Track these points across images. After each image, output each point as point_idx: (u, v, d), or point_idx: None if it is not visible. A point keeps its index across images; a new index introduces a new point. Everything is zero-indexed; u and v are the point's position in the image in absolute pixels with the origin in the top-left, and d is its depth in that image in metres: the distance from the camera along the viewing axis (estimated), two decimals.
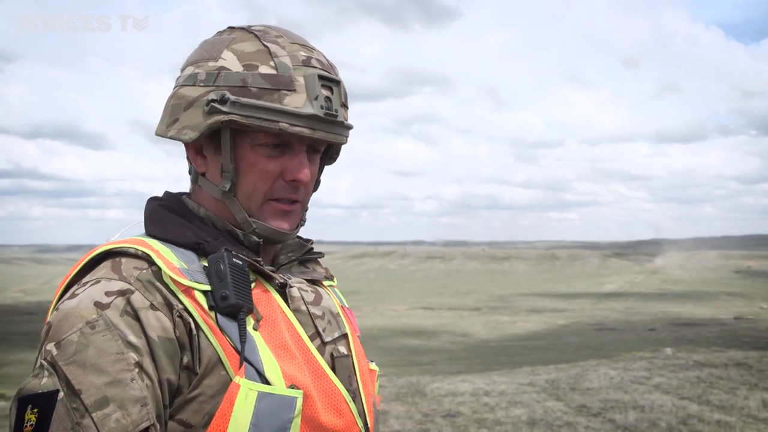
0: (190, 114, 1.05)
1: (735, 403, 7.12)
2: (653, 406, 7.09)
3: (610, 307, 48.13)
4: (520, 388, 8.49)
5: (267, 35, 1.07)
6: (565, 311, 43.71)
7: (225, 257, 1.01)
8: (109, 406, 0.88)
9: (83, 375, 0.89)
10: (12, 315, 36.03)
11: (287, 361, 1.00)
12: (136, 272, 0.98)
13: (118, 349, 0.91)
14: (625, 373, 9.34)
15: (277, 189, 1.08)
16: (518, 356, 20.50)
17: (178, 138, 1.07)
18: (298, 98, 1.02)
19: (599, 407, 7.18)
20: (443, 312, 43.95)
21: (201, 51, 1.09)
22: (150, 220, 1.10)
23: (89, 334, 0.92)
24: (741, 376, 8.69)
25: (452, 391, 8.31)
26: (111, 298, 0.95)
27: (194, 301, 0.98)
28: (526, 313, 42.63)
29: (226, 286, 0.98)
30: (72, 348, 0.91)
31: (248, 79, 1.02)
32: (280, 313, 1.06)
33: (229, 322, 0.98)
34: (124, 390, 0.90)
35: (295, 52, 1.05)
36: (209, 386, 0.95)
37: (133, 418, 0.89)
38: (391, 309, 44.56)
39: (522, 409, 7.18)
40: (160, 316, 0.95)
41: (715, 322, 32.04)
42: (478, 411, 7.21)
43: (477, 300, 56.99)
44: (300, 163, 1.07)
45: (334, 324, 1.13)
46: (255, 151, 1.05)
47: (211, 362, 0.96)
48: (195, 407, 0.95)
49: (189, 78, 1.07)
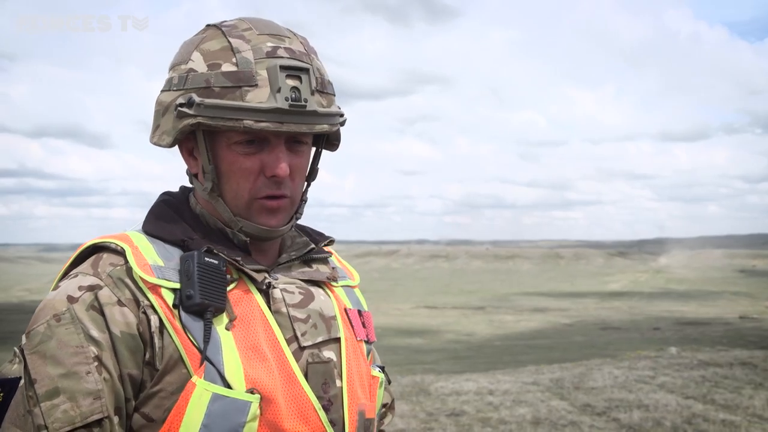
0: (166, 119, 1.06)
1: (740, 403, 7.11)
2: (658, 405, 7.08)
3: (614, 306, 48.06)
4: (525, 387, 8.48)
5: (234, 30, 1.05)
6: (569, 310, 43.66)
7: (195, 256, 1.00)
8: (58, 397, 0.92)
9: (41, 365, 0.93)
10: (17, 314, 36.15)
11: (256, 364, 0.99)
12: (110, 268, 1.00)
13: (78, 342, 0.94)
14: (630, 372, 9.32)
15: (260, 186, 1.06)
16: (522, 355, 20.49)
17: (159, 144, 1.07)
18: (261, 93, 1.00)
19: (604, 406, 7.17)
20: (447, 311, 43.93)
21: (178, 53, 1.09)
22: (149, 215, 1.11)
23: (54, 326, 0.96)
24: (746, 375, 8.67)
25: (456, 390, 8.30)
26: (81, 293, 0.98)
27: (161, 299, 0.98)
28: (530, 312, 42.59)
29: (192, 285, 0.98)
30: (37, 338, 0.96)
31: (211, 79, 1.01)
32: (259, 314, 1.04)
33: (194, 321, 0.98)
34: (77, 382, 0.93)
35: (260, 45, 1.03)
36: (170, 383, 0.97)
37: (83, 410, 0.92)
38: (395, 308, 44.56)
39: (526, 408, 7.17)
40: (125, 311, 0.97)
41: (720, 322, 31.96)
42: (482, 410, 7.20)
43: (481, 299, 56.97)
44: (277, 158, 1.04)
45: (321, 327, 1.10)
46: (232, 150, 1.05)
47: (172, 359, 0.97)
48: (156, 402, 0.97)
49: (166, 83, 1.08)
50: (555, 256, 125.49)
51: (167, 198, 1.15)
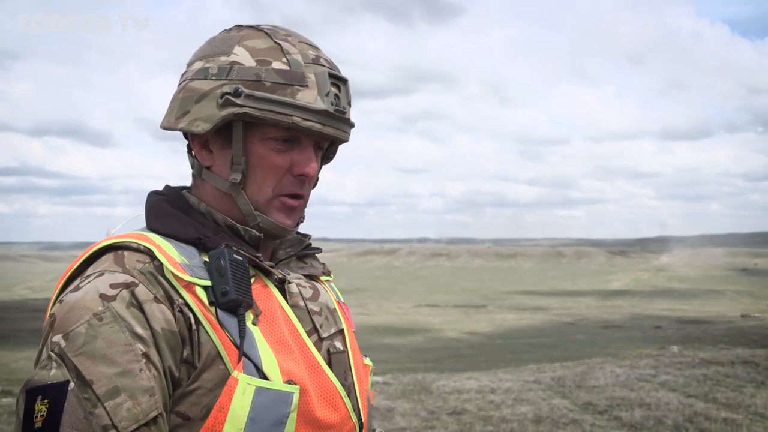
0: (202, 106, 1.06)
1: (742, 401, 7.10)
2: (659, 403, 7.07)
3: (616, 304, 48.05)
4: (526, 386, 8.48)
5: (276, 33, 1.09)
6: (570, 309, 43.64)
7: (225, 253, 1.01)
8: (120, 396, 0.90)
9: (93, 366, 0.91)
10: (20, 312, 36.21)
11: (285, 356, 1.02)
12: (139, 265, 0.99)
13: (126, 341, 0.93)
14: (632, 370, 9.32)
15: (285, 184, 1.09)
16: (524, 354, 20.49)
17: (189, 129, 1.07)
18: (309, 94, 1.04)
19: (605, 405, 7.17)
20: (449, 309, 43.93)
21: (210, 47, 1.10)
22: (151, 215, 1.10)
23: (97, 325, 0.93)
24: (748, 374, 8.67)
25: (458, 389, 8.30)
26: (116, 291, 0.96)
27: (195, 297, 0.99)
28: (532, 310, 42.58)
29: (227, 281, 0.99)
30: (81, 339, 0.92)
31: (262, 74, 1.04)
32: (279, 309, 1.07)
33: (228, 318, 0.99)
34: (133, 380, 0.91)
35: (304, 51, 1.08)
36: (208, 380, 0.96)
37: (143, 407, 0.91)
38: (397, 306, 44.56)
39: (528, 407, 7.17)
40: (163, 308, 0.97)
41: (722, 320, 31.94)
42: (483, 408, 7.20)
43: (483, 297, 56.93)
44: (308, 157, 1.09)
45: (330, 320, 1.15)
46: (265, 145, 1.07)
47: (210, 356, 0.97)
48: (193, 400, 0.96)
49: (199, 72, 1.08)
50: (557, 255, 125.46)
51: (162, 197, 1.14)
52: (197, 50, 1.13)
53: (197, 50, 1.13)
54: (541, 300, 52.96)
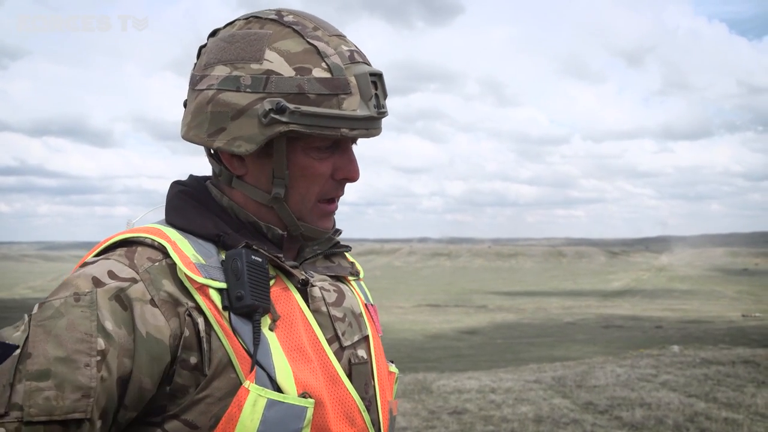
0: (240, 124, 0.97)
1: (742, 401, 7.09)
2: (660, 403, 7.07)
3: (616, 304, 48.02)
4: (527, 386, 8.48)
5: (306, 30, 1.00)
6: (571, 308, 43.62)
7: (243, 254, 0.95)
8: (46, 381, 0.83)
9: (42, 341, 0.85)
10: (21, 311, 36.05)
11: (302, 366, 0.95)
12: (148, 263, 0.94)
13: (88, 330, 0.87)
14: (632, 370, 9.31)
15: (328, 189, 1.05)
16: (525, 353, 20.49)
17: (230, 150, 0.99)
18: (354, 101, 0.98)
19: (606, 404, 7.16)
20: (449, 309, 43.92)
21: (234, 48, 0.99)
22: (171, 207, 1.04)
23: (71, 305, 0.88)
24: (748, 373, 8.66)
25: (458, 388, 8.30)
26: (110, 280, 0.91)
27: (208, 300, 0.93)
28: (533, 310, 42.57)
29: (242, 285, 0.93)
30: (48, 312, 0.88)
31: (305, 86, 0.96)
32: (299, 314, 1.00)
33: (243, 323, 0.93)
34: (71, 372, 0.84)
35: (339, 48, 1.00)
36: (218, 388, 0.91)
37: (66, 403, 0.83)
38: (398, 306, 44.54)
39: (528, 407, 7.17)
40: (156, 313, 0.90)
41: (723, 320, 31.92)
42: (484, 408, 7.20)
43: (483, 297, 56.94)
44: (350, 160, 1.04)
45: (355, 326, 1.08)
46: (307, 155, 1.01)
47: (221, 364, 0.91)
48: (202, 409, 0.91)
49: (229, 82, 0.98)
50: (557, 254, 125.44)
51: (184, 188, 1.07)
52: (214, 49, 1.02)
53: (214, 49, 1.02)
54: (541, 300, 52.94)
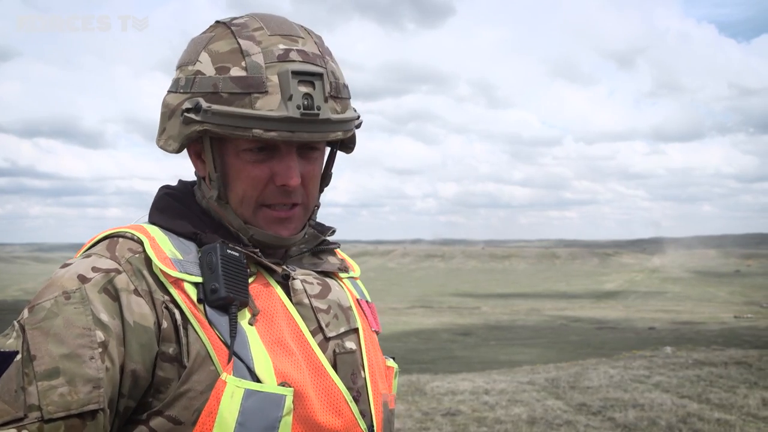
0: (172, 123, 1.01)
1: (735, 402, 7.12)
2: (653, 404, 7.09)
3: (609, 305, 48.18)
4: (520, 387, 8.49)
5: (244, 30, 0.99)
6: (564, 310, 43.72)
7: (218, 248, 0.97)
8: (57, 378, 0.85)
9: (43, 342, 0.87)
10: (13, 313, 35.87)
11: (282, 358, 0.96)
12: (129, 254, 0.96)
13: (85, 324, 0.89)
14: (625, 371, 9.34)
15: (269, 194, 1.02)
16: (518, 355, 20.52)
17: (165, 149, 1.03)
18: (271, 100, 0.95)
19: (599, 406, 7.18)
20: (443, 311, 43.94)
21: (185, 52, 1.04)
22: (154, 208, 1.08)
23: (62, 303, 0.90)
24: (741, 374, 8.69)
25: (452, 390, 8.30)
26: (95, 274, 0.93)
27: (183, 293, 0.94)
28: (526, 311, 42.63)
29: (217, 278, 0.94)
30: (42, 314, 0.89)
31: (219, 84, 0.96)
32: (281, 307, 1.01)
33: (219, 316, 0.94)
34: (79, 366, 0.87)
35: (271, 47, 0.97)
36: (198, 382, 0.92)
37: (80, 396, 0.86)
38: (391, 308, 44.52)
39: (522, 408, 7.18)
40: (141, 302, 0.92)
41: (715, 321, 32.07)
42: (478, 409, 7.21)
43: (477, 299, 57.00)
44: (288, 167, 1.00)
45: (341, 318, 1.08)
46: (240, 158, 1.00)
47: (199, 356, 0.92)
48: (185, 403, 0.91)
49: (173, 83, 1.03)
50: (551, 256, 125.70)
51: (170, 191, 1.10)
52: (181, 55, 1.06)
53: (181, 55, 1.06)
54: (535, 301, 53.04)
